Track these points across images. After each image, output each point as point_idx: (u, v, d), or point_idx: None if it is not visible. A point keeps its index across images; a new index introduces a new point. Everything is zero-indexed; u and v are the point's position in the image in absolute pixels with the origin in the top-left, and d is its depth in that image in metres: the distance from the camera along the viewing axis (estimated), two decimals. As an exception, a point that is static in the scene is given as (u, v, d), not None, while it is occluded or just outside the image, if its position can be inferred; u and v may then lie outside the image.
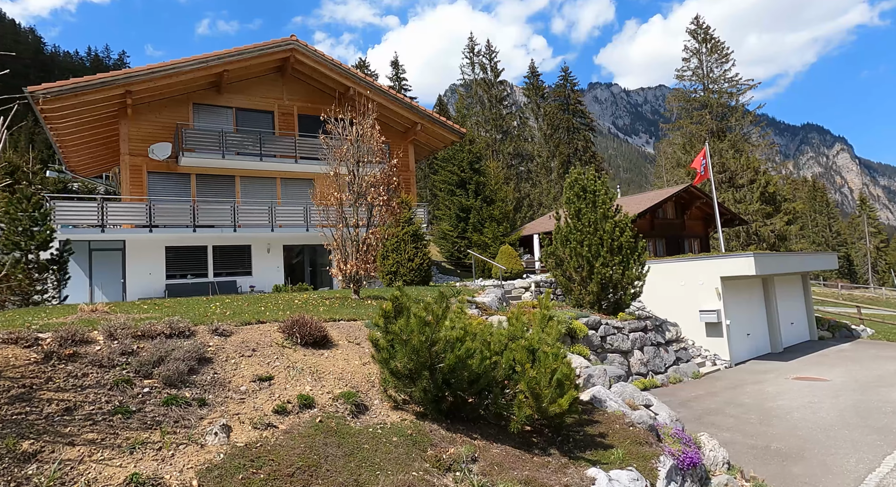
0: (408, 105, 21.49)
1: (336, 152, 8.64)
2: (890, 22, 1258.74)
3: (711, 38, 56.55)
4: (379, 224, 8.40)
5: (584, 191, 12.07)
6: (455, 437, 3.66)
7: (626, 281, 11.48)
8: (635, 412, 4.76)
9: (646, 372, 11.12)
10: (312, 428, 3.41)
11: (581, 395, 5.01)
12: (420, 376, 3.68)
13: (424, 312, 3.70)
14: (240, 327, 4.95)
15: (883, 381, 10.76)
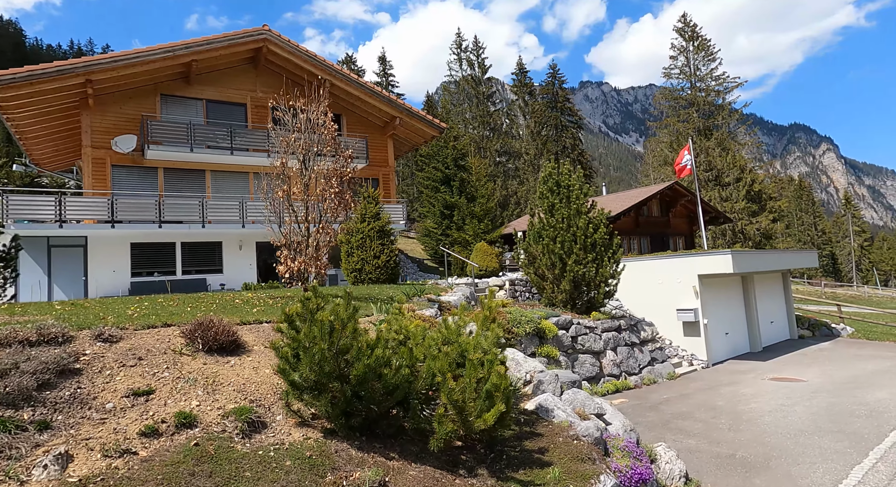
0: (386, 98, 20.95)
1: (283, 141, 8.11)
2: (876, 23, 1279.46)
3: (698, 37, 56.60)
4: (331, 219, 7.91)
5: (557, 186, 11.67)
6: (366, 458, 3.21)
7: (599, 279, 11.11)
8: (583, 422, 4.35)
9: (619, 374, 10.78)
10: (182, 454, 2.91)
11: (526, 404, 4.59)
12: (325, 388, 3.23)
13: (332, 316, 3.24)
14: (137, 331, 4.44)
15: (859, 382, 10.52)
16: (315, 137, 8.17)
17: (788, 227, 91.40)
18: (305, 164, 8.05)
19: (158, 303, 6.54)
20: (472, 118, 55.54)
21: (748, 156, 58.79)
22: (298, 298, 3.59)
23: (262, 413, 3.52)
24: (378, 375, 3.27)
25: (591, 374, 10.21)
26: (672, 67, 57.99)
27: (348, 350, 3.27)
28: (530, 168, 56.98)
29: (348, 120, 21.80)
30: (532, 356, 9.31)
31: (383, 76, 61.04)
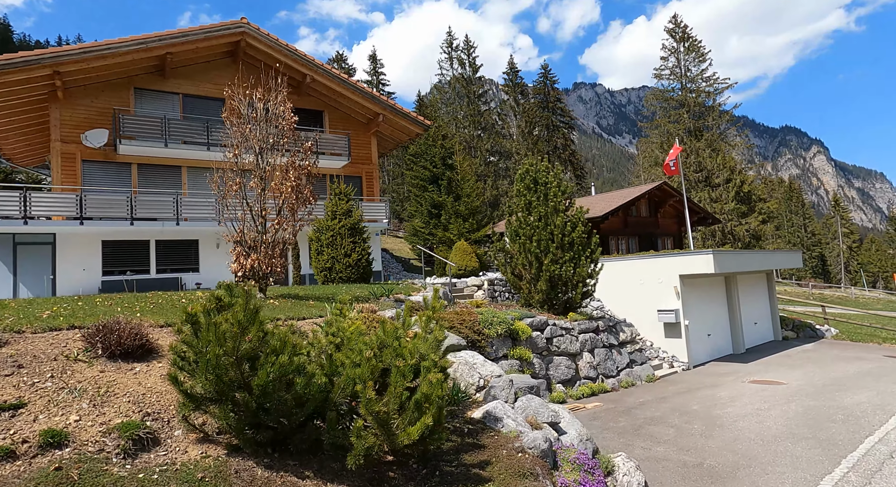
0: (369, 95, 20.58)
1: (236, 131, 7.73)
2: (865, 28, 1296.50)
3: (689, 37, 56.73)
4: (289, 214, 7.54)
5: (535, 183, 11.37)
6: (273, 478, 2.86)
7: (576, 279, 10.83)
8: (533, 432, 4.03)
9: (595, 376, 10.50)
10: (34, 482, 2.52)
11: (474, 412, 4.27)
12: (226, 399, 2.89)
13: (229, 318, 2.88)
14: (35, 334, 4.05)
15: (840, 384, 10.32)
16: (272, 128, 7.78)
17: (779, 229, 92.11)
18: (261, 156, 7.66)
19: (96, 303, 6.14)
20: (463, 117, 55.24)
21: (739, 158, 59.03)
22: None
23: (156, 429, 3.13)
24: (288, 384, 2.93)
25: (566, 377, 9.92)
26: (663, 68, 58.10)
27: (257, 356, 2.93)
28: (521, 168, 56.82)
29: (331, 117, 21.41)
30: (504, 358, 9.00)
31: (374, 74, 60.62)
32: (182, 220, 16.72)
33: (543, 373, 9.54)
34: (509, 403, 4.54)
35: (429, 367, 3.37)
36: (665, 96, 57.91)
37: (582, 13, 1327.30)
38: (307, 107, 20.89)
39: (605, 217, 29.61)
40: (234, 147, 7.77)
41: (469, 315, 9.02)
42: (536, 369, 9.41)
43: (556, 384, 9.70)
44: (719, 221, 41.43)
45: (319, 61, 19.35)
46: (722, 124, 56.27)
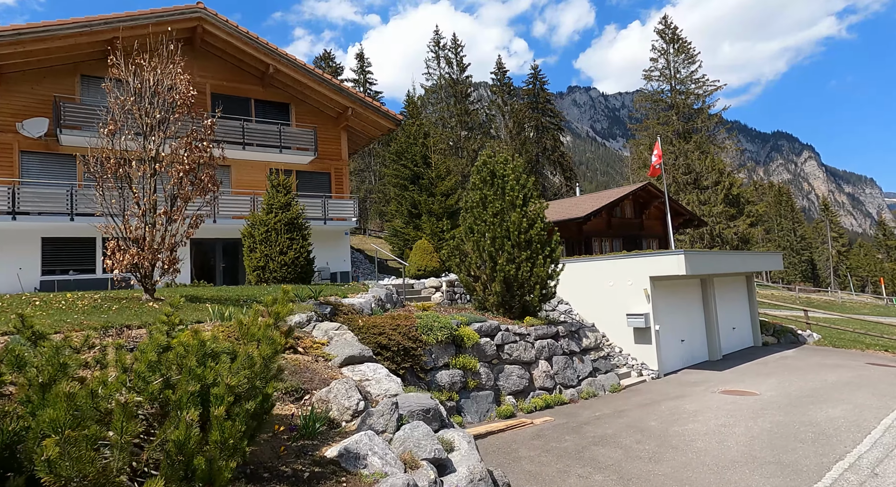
0: (336, 87, 19.68)
1: (114, 104, 6.79)
2: (857, 36, 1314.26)
3: (679, 39, 56.38)
4: (182, 204, 6.61)
5: (492, 177, 10.52)
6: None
7: (534, 280, 9.96)
8: (403, 475, 3.14)
9: (552, 387, 9.62)
10: None
11: (329, 449, 3.37)
12: None
13: None
14: None
15: (815, 396, 9.52)
16: (160, 102, 6.85)
17: (769, 233, 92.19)
18: (147, 136, 6.73)
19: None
20: (450, 117, 54.45)
21: (728, 160, 58.68)
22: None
23: None
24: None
25: (518, 388, 9.04)
26: (652, 70, 57.73)
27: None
28: (509, 168, 56.07)
29: (298, 110, 20.47)
30: (445, 368, 8.10)
31: (361, 73, 59.72)
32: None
33: (491, 384, 8.65)
34: (388, 433, 3.65)
35: (221, 396, 2.47)
36: (654, 98, 57.49)
37: (577, 17, 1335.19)
38: (272, 100, 19.96)
39: (587, 217, 28.83)
40: (111, 123, 6.81)
41: (406, 320, 8.12)
42: (483, 379, 8.52)
43: (506, 396, 8.81)
44: (706, 223, 40.88)
45: (283, 50, 18.43)
46: (711, 126, 55.91)
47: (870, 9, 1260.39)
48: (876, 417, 7.89)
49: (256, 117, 19.54)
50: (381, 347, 7.01)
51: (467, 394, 8.14)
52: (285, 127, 19.24)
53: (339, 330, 5.74)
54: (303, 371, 4.26)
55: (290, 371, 4.17)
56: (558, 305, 13.76)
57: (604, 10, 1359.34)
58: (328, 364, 4.84)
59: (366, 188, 58.71)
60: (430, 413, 4.14)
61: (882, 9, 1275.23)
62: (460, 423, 7.54)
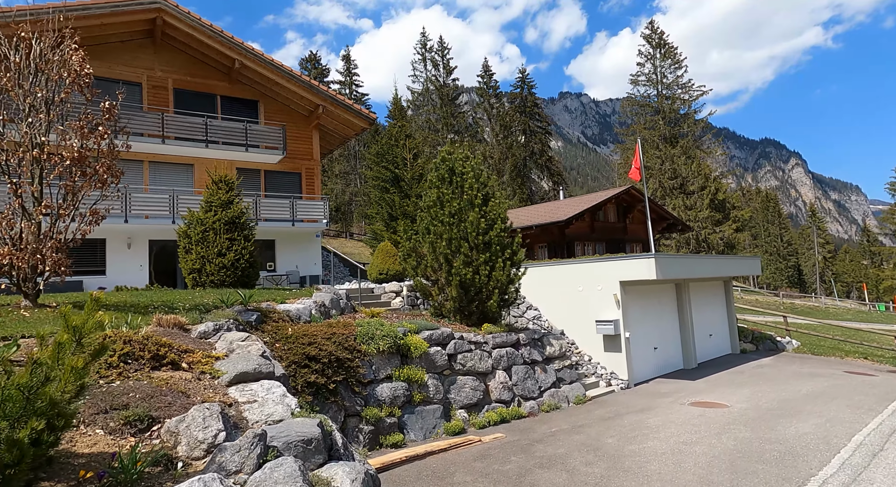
0: (306, 84, 19.03)
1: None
2: (843, 45, 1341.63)
3: (665, 44, 56.53)
4: (71, 198, 5.91)
5: (451, 174, 9.93)
6: None
7: (492, 284, 9.36)
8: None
9: (510, 399, 8.99)
10: None
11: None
12: None
13: None
14: None
15: (787, 408, 9.00)
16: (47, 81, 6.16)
17: (756, 238, 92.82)
18: (27, 118, 6.03)
19: None
20: (437, 120, 53.98)
21: (715, 165, 58.80)
22: None
23: None
24: None
25: (472, 401, 8.40)
26: (639, 74, 57.83)
27: None
28: (495, 172, 55.64)
29: (267, 108, 19.78)
30: (388, 380, 7.45)
31: (347, 75, 59.17)
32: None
33: (441, 398, 8.01)
34: (243, 473, 2.99)
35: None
36: (641, 102, 57.53)
37: (568, 24, 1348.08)
38: (240, 96, 19.26)
39: (569, 221, 28.35)
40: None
41: (345, 327, 7.47)
42: (431, 392, 7.87)
43: (457, 410, 8.17)
44: (690, 228, 40.69)
45: (249, 45, 17.76)
46: (697, 131, 56.02)
47: (854, 19, 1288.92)
48: (847, 433, 7.37)
49: (223, 114, 18.81)
50: (309, 359, 6.35)
51: (412, 409, 7.48)
52: (252, 124, 18.54)
53: (247, 340, 5.07)
54: (166, 392, 3.59)
55: (146, 393, 3.51)
56: (527, 311, 13.18)
57: (595, 18, 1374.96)
58: (214, 382, 4.18)
59: (351, 191, 57.93)
60: (313, 445, 3.48)
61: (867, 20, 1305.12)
62: (398, 443, 6.89)
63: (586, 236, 31.25)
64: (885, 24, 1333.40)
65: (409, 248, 9.83)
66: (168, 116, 16.73)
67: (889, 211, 60.66)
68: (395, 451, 6.63)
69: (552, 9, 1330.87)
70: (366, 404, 6.94)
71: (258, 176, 19.55)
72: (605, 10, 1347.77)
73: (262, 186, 19.53)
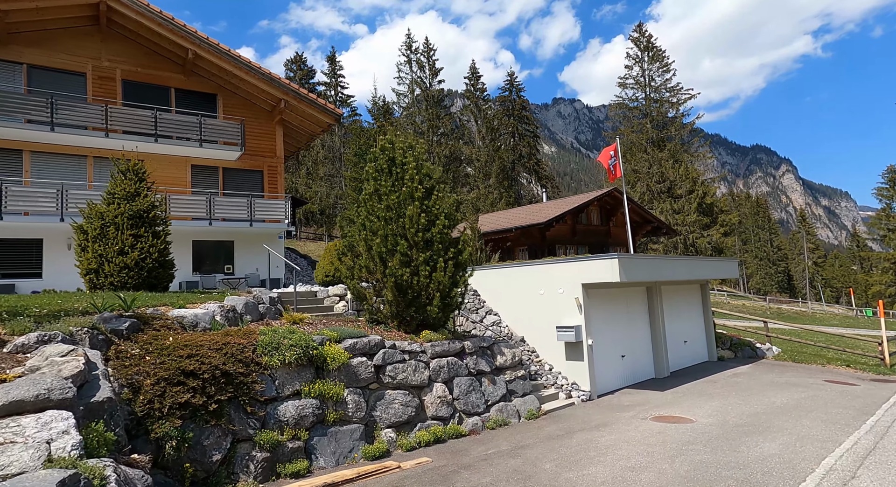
0: (266, 77, 18.10)
1: None
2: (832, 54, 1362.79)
3: (653, 47, 56.26)
4: None
5: (391, 165, 9.03)
6: None
7: (433, 287, 8.43)
8: None
9: (450, 415, 8.04)
10: None
11: None
12: None
13: None
14: None
15: (755, 424, 8.12)
16: None
17: (746, 243, 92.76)
18: None
19: None
20: (422, 121, 53.19)
21: (702, 168, 58.43)
22: None
23: None
24: None
25: (401, 419, 7.43)
26: (627, 77, 57.49)
27: None
28: (481, 175, 54.90)
29: (226, 101, 18.82)
30: (295, 397, 6.48)
31: (332, 76, 58.30)
32: (14, 214, 13.85)
33: (362, 415, 7.04)
34: None
35: None
36: (628, 106, 57.14)
37: (562, 31, 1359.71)
38: (196, 90, 18.28)
39: (549, 223, 27.54)
40: None
41: (244, 336, 6.50)
42: (350, 410, 6.90)
43: (384, 429, 7.20)
44: (675, 231, 40.06)
45: (203, 34, 16.82)
46: (685, 135, 55.64)
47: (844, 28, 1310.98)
48: (817, 455, 6.50)
49: (178, 108, 17.82)
50: (186, 374, 5.38)
51: (324, 430, 6.51)
52: (207, 118, 17.55)
53: (69, 355, 4.11)
54: None
55: None
56: (486, 317, 12.27)
57: (588, 25, 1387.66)
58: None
59: (336, 193, 56.98)
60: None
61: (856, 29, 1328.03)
62: (300, 471, 5.91)
63: (568, 239, 30.48)
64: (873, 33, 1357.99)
65: (344, 246, 8.90)
66: (113, 108, 15.73)
67: (877, 216, 60.54)
68: (291, 482, 5.66)
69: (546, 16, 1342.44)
70: (263, 426, 5.97)
71: (216, 173, 18.55)
72: (598, 18, 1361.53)
73: (220, 184, 18.53)
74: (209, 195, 16.96)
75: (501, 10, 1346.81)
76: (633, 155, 55.14)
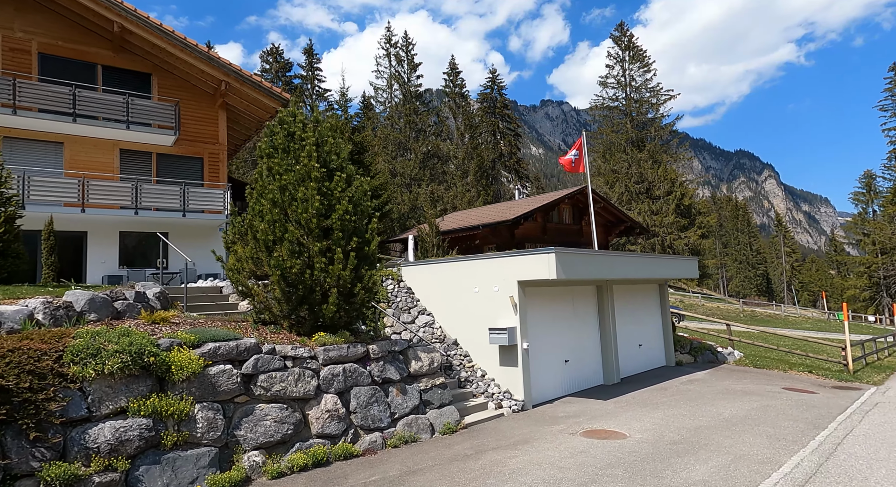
0: (204, 56, 16.70)
1: None
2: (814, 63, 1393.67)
3: (634, 46, 55.83)
4: None
5: (289, 140, 7.86)
6: None
7: (330, 282, 7.27)
8: None
9: (342, 432, 6.89)
10: None
11: None
12: None
13: None
14: None
15: (693, 440, 7.14)
16: None
17: (726, 246, 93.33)
18: None
19: None
20: (399, 117, 51.95)
21: (682, 170, 58.20)
22: None
23: None
24: None
25: (274, 438, 6.25)
26: (608, 77, 57.01)
27: None
28: (459, 172, 53.84)
29: (162, 82, 17.37)
30: (119, 415, 5.27)
31: (309, 70, 56.67)
32: None
33: (218, 435, 5.85)
34: None
35: None
36: (608, 105, 56.65)
37: (551, 34, 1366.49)
38: (128, 68, 16.80)
39: (517, 220, 26.52)
40: None
41: (50, 341, 5.27)
42: (200, 429, 5.71)
43: (249, 452, 6.02)
44: (648, 231, 39.48)
45: (131, 6, 15.36)
46: (665, 135, 55.32)
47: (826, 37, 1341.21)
48: (749, 482, 5.51)
49: (107, 86, 16.35)
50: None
51: (157, 457, 5.31)
52: (137, 98, 16.12)
53: None
54: None
55: None
56: (419, 317, 11.15)
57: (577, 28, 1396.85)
58: None
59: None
60: None
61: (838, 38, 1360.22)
62: (107, 506, 4.70)
63: (538, 237, 29.54)
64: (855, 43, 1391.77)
65: (233, 234, 7.72)
66: (23, 82, 14.23)
67: (853, 220, 61.02)
68: (86, 524, 4.45)
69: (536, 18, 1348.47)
70: (61, 456, 4.74)
71: (149, 159, 17.11)
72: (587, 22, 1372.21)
73: (153, 171, 17.10)
74: (136, 182, 15.57)
75: (491, 11, 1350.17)
76: (613, 155, 54.66)
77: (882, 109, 56.00)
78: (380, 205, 26.53)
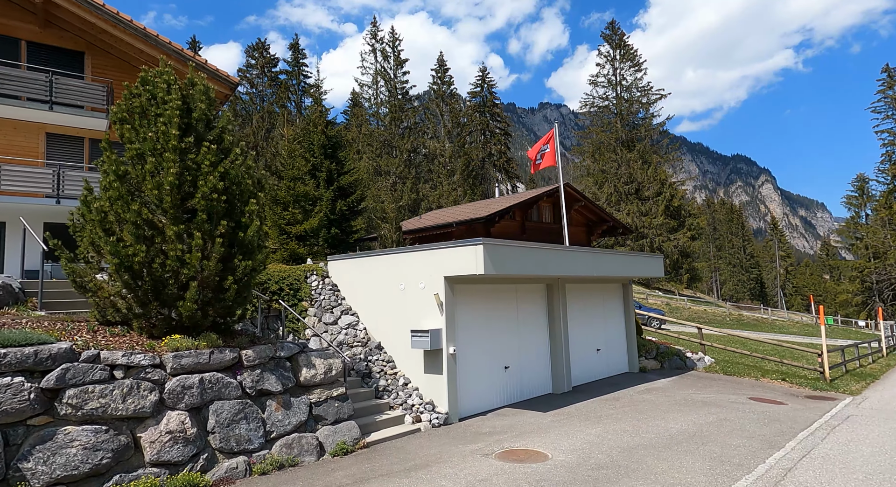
0: (141, 33, 15.41)
1: None
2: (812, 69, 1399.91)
3: (624, 44, 54.85)
4: None
5: (152, 104, 6.63)
6: None
7: (186, 273, 6.02)
8: None
9: (190, 457, 5.64)
10: None
11: None
12: None
13: None
14: None
15: (623, 464, 5.92)
16: None
17: (720, 250, 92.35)
18: None
19: None
20: (384, 114, 50.74)
21: (671, 171, 57.14)
22: None
23: None
24: None
25: (83, 470, 4.99)
26: (598, 75, 56.01)
27: None
28: (445, 171, 52.65)
29: (96, 62, 16.06)
30: None
31: (295, 65, 55.48)
32: None
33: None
34: None
35: None
36: (598, 104, 55.62)
37: (550, 37, 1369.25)
38: (56, 44, 15.54)
39: (491, 219, 25.26)
40: None
41: None
42: (-30, 453, 4.43)
43: None
44: (632, 231, 38.26)
45: (57, -20, 14.13)
46: (655, 136, 54.27)
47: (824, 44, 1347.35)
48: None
49: (33, 64, 15.08)
50: None
51: None
52: (64, 77, 14.85)
53: None
54: None
55: None
56: (342, 317, 9.91)
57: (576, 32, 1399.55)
58: None
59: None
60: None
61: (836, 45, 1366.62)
62: None
63: (516, 236, 28.28)
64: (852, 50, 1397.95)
65: (78, 215, 6.49)
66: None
67: (846, 224, 60.06)
68: None
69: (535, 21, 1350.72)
70: None
71: (80, 145, 15.85)
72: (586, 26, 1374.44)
73: (85, 157, 15.84)
74: (58, 167, 14.29)
75: (491, 14, 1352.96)
76: (602, 155, 53.60)
77: (875, 111, 55.09)
78: (353, 202, 25.26)
